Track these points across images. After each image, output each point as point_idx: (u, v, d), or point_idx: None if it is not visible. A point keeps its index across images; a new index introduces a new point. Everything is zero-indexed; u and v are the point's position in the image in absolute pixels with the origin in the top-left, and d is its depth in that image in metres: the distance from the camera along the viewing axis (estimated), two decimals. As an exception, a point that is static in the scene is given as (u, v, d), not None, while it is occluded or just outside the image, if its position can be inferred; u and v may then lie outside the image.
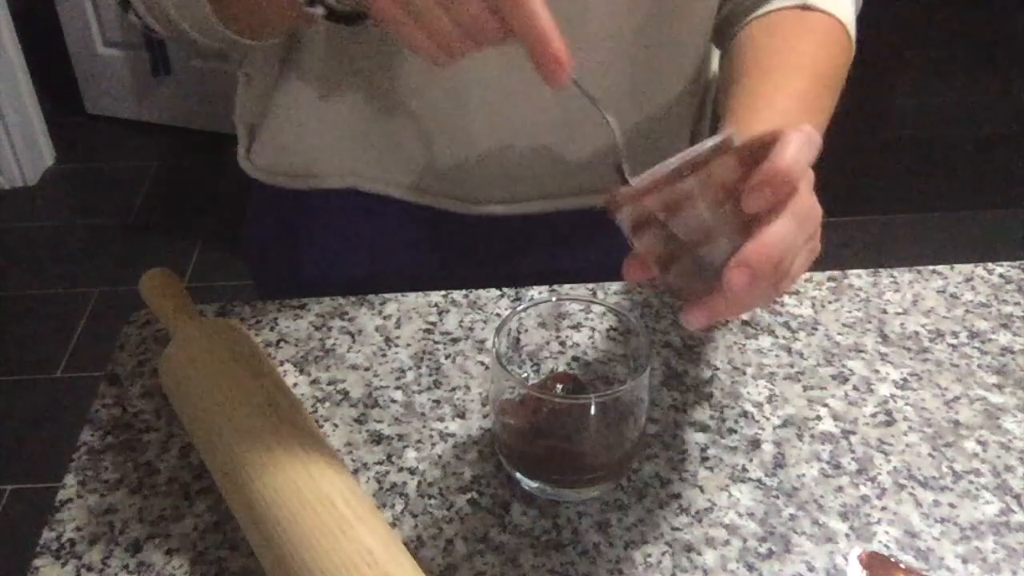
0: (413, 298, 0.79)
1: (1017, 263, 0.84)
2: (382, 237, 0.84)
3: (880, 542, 0.60)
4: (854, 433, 0.67)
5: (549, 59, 0.49)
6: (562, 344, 0.70)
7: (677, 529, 0.60)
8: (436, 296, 0.79)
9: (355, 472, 0.64)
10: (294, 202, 0.84)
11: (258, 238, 0.90)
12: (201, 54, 2.60)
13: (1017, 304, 0.79)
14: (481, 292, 0.79)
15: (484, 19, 0.49)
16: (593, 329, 0.72)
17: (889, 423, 0.68)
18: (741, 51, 0.71)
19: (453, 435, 0.67)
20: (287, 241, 0.87)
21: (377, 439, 0.67)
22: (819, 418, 0.68)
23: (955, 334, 0.76)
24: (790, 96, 0.65)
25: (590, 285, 0.81)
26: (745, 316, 0.77)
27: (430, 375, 0.72)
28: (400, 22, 0.50)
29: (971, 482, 0.64)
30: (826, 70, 0.70)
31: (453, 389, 0.70)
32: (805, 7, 0.71)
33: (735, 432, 0.67)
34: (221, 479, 0.59)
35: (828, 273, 0.82)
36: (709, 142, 0.50)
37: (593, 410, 0.60)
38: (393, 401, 0.69)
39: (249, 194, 0.90)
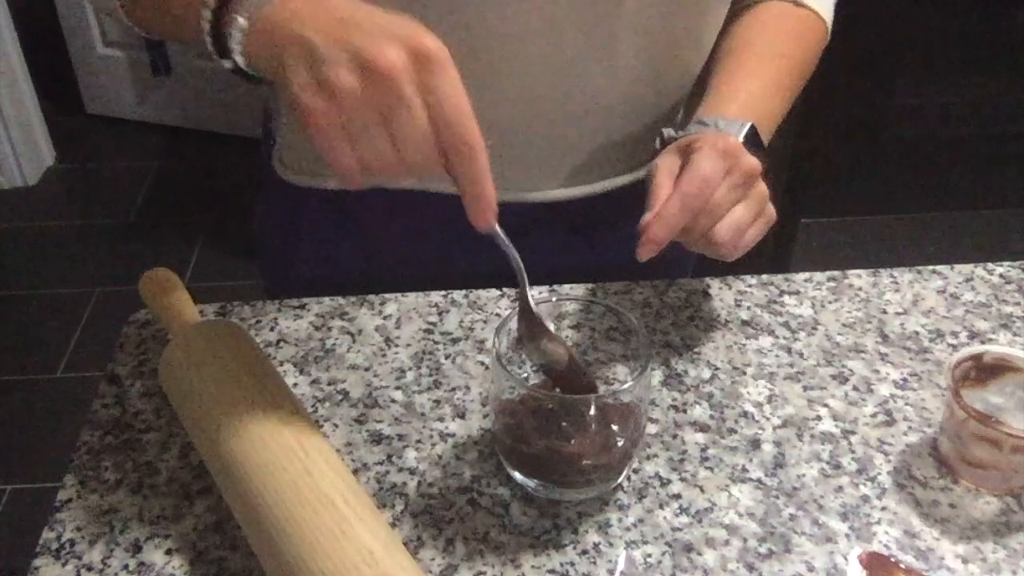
0: (413, 298, 0.79)
1: (1017, 263, 0.84)
2: (402, 231, 0.84)
3: (880, 542, 0.60)
4: (854, 433, 0.67)
5: (481, 203, 0.52)
6: (562, 344, 0.70)
7: (677, 529, 0.60)
8: (436, 296, 0.79)
9: (355, 472, 0.64)
10: (312, 199, 0.84)
11: (272, 234, 0.90)
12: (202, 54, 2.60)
13: (1017, 304, 0.79)
14: (481, 292, 0.79)
15: (425, 148, 0.50)
16: (593, 329, 0.72)
17: (889, 423, 0.68)
18: (730, 37, 0.79)
19: (453, 435, 0.67)
20: (304, 237, 0.87)
21: (377, 439, 0.67)
22: (819, 418, 0.68)
23: (955, 334, 0.76)
24: (761, 80, 0.75)
25: (590, 285, 0.81)
26: (745, 316, 0.77)
27: (430, 375, 0.72)
28: (331, 136, 0.50)
29: (971, 482, 0.64)
30: (799, 59, 0.79)
31: (453, 389, 0.70)
32: (795, 3, 0.81)
33: (735, 432, 0.67)
34: (221, 479, 0.59)
35: (828, 273, 0.82)
36: None
37: (593, 410, 0.60)
38: (393, 401, 0.69)
39: (260, 190, 0.90)
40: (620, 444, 0.60)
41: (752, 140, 0.68)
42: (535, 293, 0.79)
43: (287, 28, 0.52)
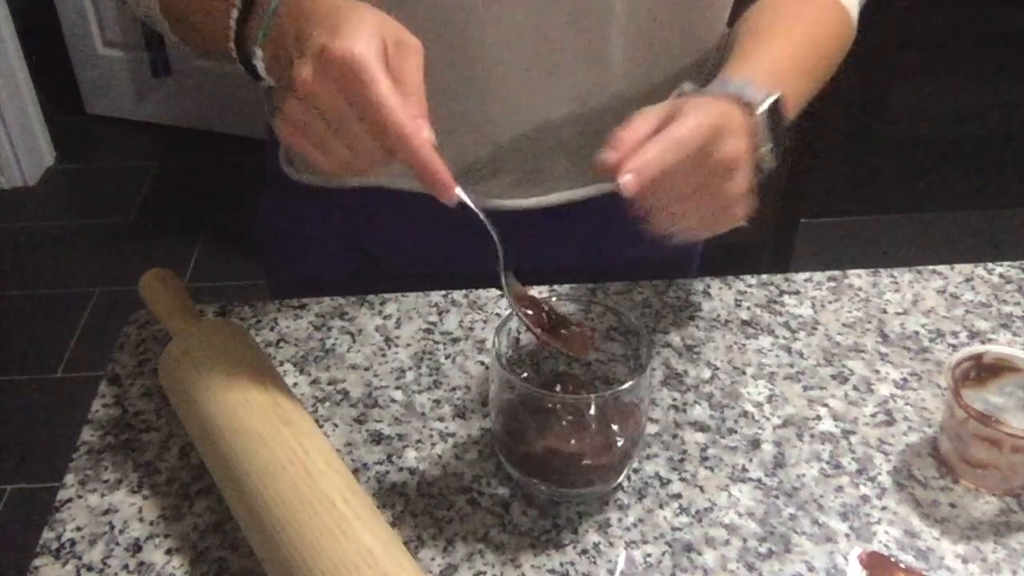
0: (413, 298, 0.79)
1: (1017, 263, 0.84)
2: (403, 231, 0.84)
3: (880, 542, 0.60)
4: (854, 433, 0.67)
5: (436, 184, 0.54)
6: (562, 344, 0.70)
7: (677, 529, 0.60)
8: (436, 296, 0.79)
9: (355, 472, 0.64)
10: (313, 198, 0.84)
11: (274, 233, 0.91)
12: (202, 55, 2.60)
13: (1017, 304, 0.79)
14: (481, 292, 0.79)
15: (374, 148, 0.54)
16: (593, 329, 0.72)
17: (889, 423, 0.68)
18: (746, 19, 0.76)
19: (453, 435, 0.67)
20: (306, 237, 0.87)
21: (377, 439, 0.67)
22: (819, 418, 0.68)
23: (955, 334, 0.76)
24: (780, 55, 0.70)
25: (590, 285, 0.81)
26: (745, 316, 0.77)
27: (430, 375, 0.72)
28: (303, 147, 0.55)
29: (971, 482, 0.64)
30: (821, 41, 0.74)
31: (453, 389, 0.70)
32: None
33: (735, 432, 0.67)
34: (221, 479, 0.59)
35: (828, 273, 0.82)
36: None
37: (593, 410, 0.60)
38: (393, 401, 0.69)
39: (263, 190, 0.90)
40: (620, 444, 0.60)
41: (773, 113, 0.62)
42: (535, 293, 0.79)
43: (275, 54, 0.58)
